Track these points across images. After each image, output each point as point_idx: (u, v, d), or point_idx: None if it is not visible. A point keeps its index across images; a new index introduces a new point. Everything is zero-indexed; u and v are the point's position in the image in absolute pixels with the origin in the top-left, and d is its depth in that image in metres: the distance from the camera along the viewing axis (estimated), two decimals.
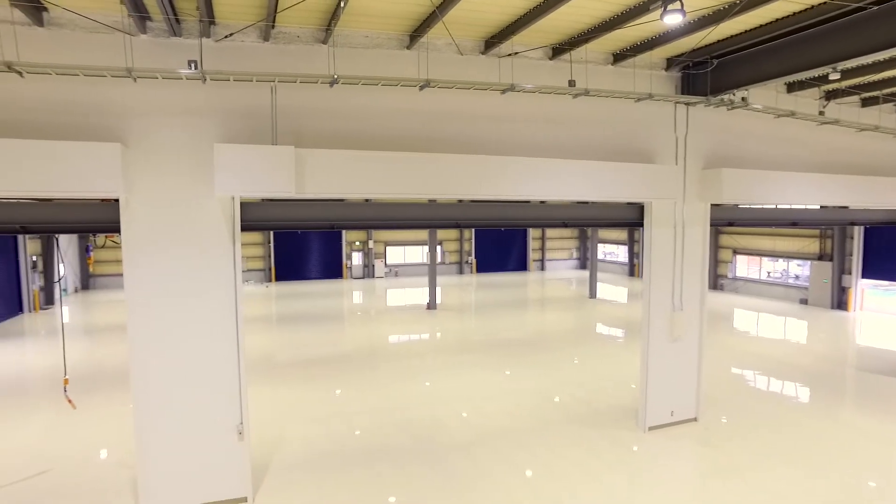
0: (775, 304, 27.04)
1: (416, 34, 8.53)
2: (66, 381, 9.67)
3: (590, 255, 30.24)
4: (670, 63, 10.33)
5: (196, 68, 7.04)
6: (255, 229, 8.75)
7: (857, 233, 25.10)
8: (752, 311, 25.30)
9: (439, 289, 32.62)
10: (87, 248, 30.49)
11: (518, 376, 14.99)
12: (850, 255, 25.39)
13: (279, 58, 8.06)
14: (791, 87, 11.86)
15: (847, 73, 10.73)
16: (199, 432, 8.01)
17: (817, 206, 14.52)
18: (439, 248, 41.49)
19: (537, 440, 10.58)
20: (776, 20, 8.45)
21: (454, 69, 8.99)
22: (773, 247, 29.21)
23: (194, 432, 7.99)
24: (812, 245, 27.15)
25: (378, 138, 8.59)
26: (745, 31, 8.99)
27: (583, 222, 11.11)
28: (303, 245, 37.53)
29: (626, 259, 41.26)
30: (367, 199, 16.14)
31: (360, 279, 38.35)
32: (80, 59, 7.16)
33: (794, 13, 8.11)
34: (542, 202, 13.63)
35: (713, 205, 11.69)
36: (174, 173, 7.62)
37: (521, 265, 43.85)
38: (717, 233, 32.03)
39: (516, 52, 9.19)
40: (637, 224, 10.96)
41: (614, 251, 43.24)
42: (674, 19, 6.97)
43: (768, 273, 29.95)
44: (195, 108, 7.62)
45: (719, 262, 32.27)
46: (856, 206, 13.77)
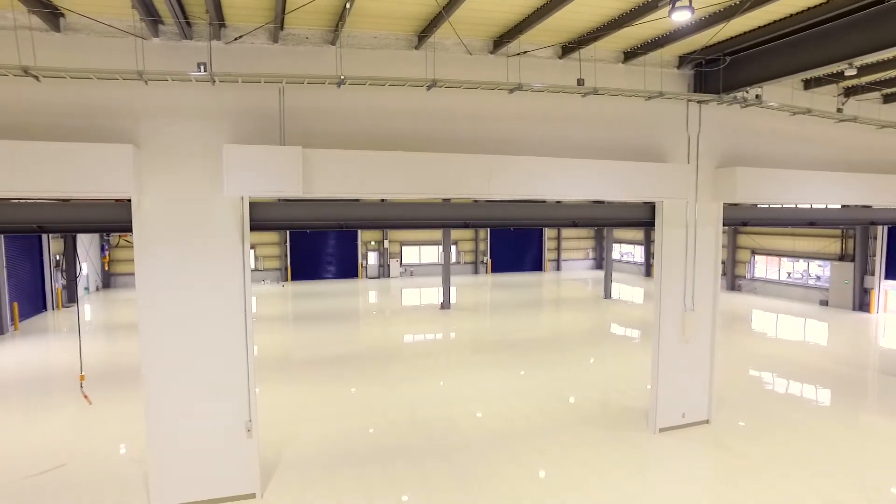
0: (794, 306, 26.55)
1: (424, 34, 8.55)
2: (82, 378, 9.90)
3: (605, 256, 30.00)
4: (682, 61, 10.20)
5: (205, 70, 7.14)
6: (264, 229, 8.85)
7: (881, 233, 24.53)
8: (770, 313, 24.87)
9: (454, 289, 32.65)
10: (102, 248, 31.08)
11: (532, 376, 14.94)
12: (873, 255, 24.83)
13: (288, 59, 8.14)
14: (808, 84, 11.64)
15: (866, 69, 10.49)
16: (208, 429, 8.13)
17: (838, 206, 14.22)
18: (454, 248, 41.52)
19: (549, 440, 10.55)
20: (790, 15, 8.30)
21: (463, 69, 8.99)
22: (793, 247, 28.67)
23: (203, 429, 8.12)
24: (833, 245, 26.60)
25: (386, 138, 8.64)
26: (759, 28, 8.85)
27: (593, 222, 11.03)
28: (318, 245, 37.82)
29: (642, 259, 40.86)
30: (382, 199, 16.26)
31: (376, 279, 38.53)
32: (95, 62, 7.32)
33: (808, 8, 7.96)
34: (556, 202, 13.59)
35: (728, 204, 11.54)
36: (184, 174, 7.75)
37: (537, 265, 43.66)
38: (735, 232, 31.55)
39: (525, 52, 9.16)
40: (648, 224, 10.85)
41: (630, 251, 42.83)
42: (682, 16, 6.89)
43: (788, 274, 29.40)
44: (205, 109, 7.74)
45: (737, 262, 31.78)
46: (878, 206, 13.46)
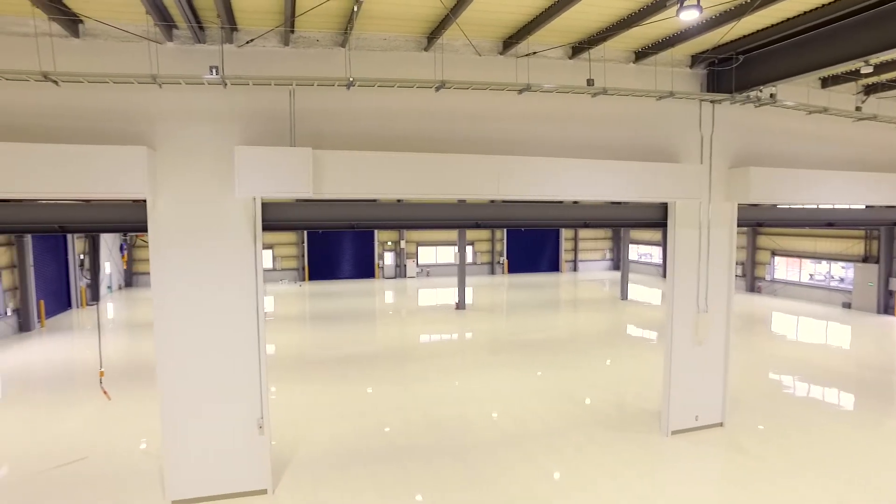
0: (816, 308, 26.02)
1: (433, 36, 8.62)
2: (101, 374, 10.14)
3: (621, 257, 29.75)
4: (695, 60, 10.11)
5: (217, 73, 7.30)
6: (276, 229, 9.00)
7: None
8: (791, 315, 24.41)
9: (470, 289, 32.66)
10: (120, 247, 31.74)
11: (547, 377, 14.91)
12: None
13: (299, 62, 8.28)
14: (825, 82, 11.45)
15: (885, 67, 10.28)
16: (220, 426, 8.30)
17: (861, 206, 13.92)
18: (471, 248, 41.54)
19: (562, 441, 10.54)
20: (803, 13, 8.19)
21: (472, 70, 9.04)
22: (815, 248, 28.10)
23: (216, 426, 8.29)
24: (857, 246, 26.02)
25: (395, 139, 8.72)
26: (772, 26, 8.74)
27: (604, 223, 10.98)
28: (335, 245, 38.15)
29: (660, 260, 40.40)
30: (399, 200, 16.37)
31: (392, 279, 38.73)
32: (113, 67, 7.54)
33: (821, 5, 7.84)
34: (570, 202, 13.53)
35: (746, 204, 11.40)
36: (198, 175, 7.93)
37: (554, 266, 43.47)
38: (755, 233, 31.05)
39: (534, 52, 9.17)
40: (661, 225, 10.77)
41: (649, 252, 42.37)
42: (690, 15, 6.85)
43: (810, 275, 28.83)
44: (217, 111, 7.91)
45: (757, 263, 31.25)
46: None
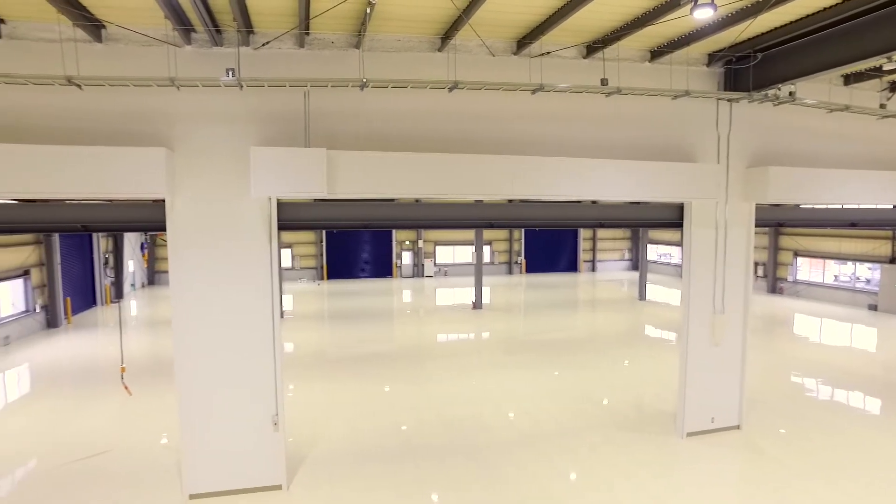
0: (840, 310, 25.44)
1: (447, 37, 8.66)
2: (123, 370, 10.39)
3: (640, 257, 29.47)
4: (712, 58, 9.99)
5: (233, 76, 7.44)
6: (291, 228, 9.13)
7: None
8: (814, 317, 23.91)
9: (487, 289, 32.66)
10: (141, 246, 32.39)
11: (563, 377, 14.87)
12: None
13: (314, 63, 8.39)
14: (848, 80, 11.21)
15: None
16: (236, 422, 8.47)
17: (888, 206, 13.58)
18: (488, 248, 41.51)
19: (577, 441, 10.53)
20: (823, 9, 8.05)
21: (486, 70, 9.06)
22: (839, 249, 27.48)
23: (232, 422, 8.45)
24: (884, 247, 25.38)
25: (409, 139, 8.78)
26: (791, 22, 8.61)
27: (619, 223, 10.92)
28: (354, 244, 38.44)
29: (680, 261, 39.89)
30: (416, 200, 16.40)
31: (410, 278, 38.88)
32: (133, 70, 7.74)
33: (841, 1, 7.70)
34: (586, 202, 13.47)
35: (765, 204, 11.22)
36: (214, 175, 8.09)
37: (572, 266, 43.21)
38: (777, 234, 30.48)
39: (548, 52, 9.16)
40: (677, 225, 10.67)
41: (668, 253, 41.87)
42: (704, 14, 6.78)
43: (835, 277, 28.20)
44: (233, 113, 8.07)
45: (778, 264, 30.68)
46: None
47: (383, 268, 39.16)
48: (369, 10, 7.09)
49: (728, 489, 8.72)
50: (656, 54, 9.67)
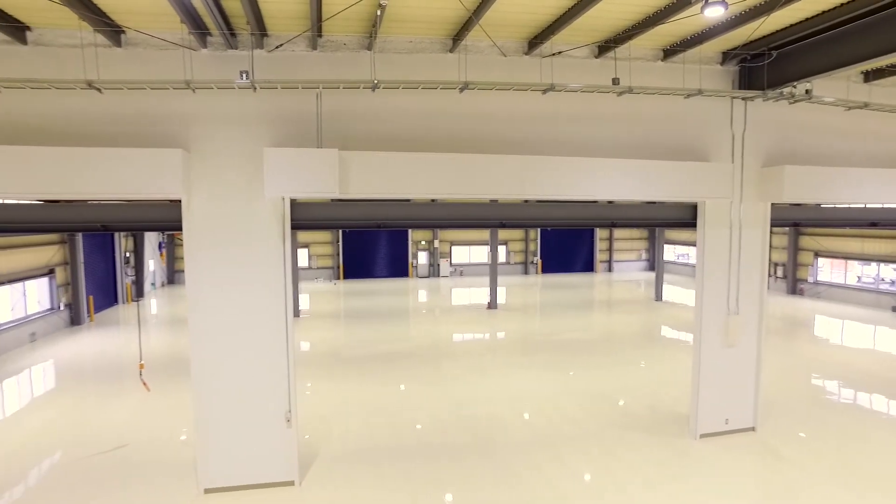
0: (863, 312, 24.91)
1: (458, 38, 8.71)
2: (141, 366, 10.64)
3: (656, 257, 29.19)
4: (726, 57, 9.89)
5: (247, 78, 7.58)
6: (305, 228, 9.27)
7: None
8: (835, 319, 23.46)
9: (503, 289, 32.63)
10: (159, 245, 32.96)
11: (578, 378, 14.83)
12: None
13: (327, 65, 8.51)
14: (868, 76, 11.01)
15: None
16: (250, 418, 8.62)
17: None
18: (504, 248, 41.46)
19: (590, 441, 10.51)
20: (840, 5, 7.93)
21: (498, 71, 9.10)
22: (862, 249, 26.89)
23: (246, 418, 8.61)
24: None
25: (420, 140, 8.85)
26: (807, 19, 8.49)
27: (632, 222, 10.86)
28: (370, 244, 38.69)
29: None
30: (433, 200, 16.47)
31: (426, 278, 39.01)
32: (151, 74, 7.94)
33: None
34: (605, 202, 13.41)
35: (784, 204, 11.06)
36: (229, 175, 8.26)
37: (588, 266, 42.95)
38: (797, 234, 29.95)
39: (560, 52, 9.17)
40: (690, 224, 10.59)
41: (686, 253, 41.37)
42: (715, 12, 6.74)
43: (858, 278, 27.61)
44: (247, 114, 8.22)
45: (799, 265, 30.14)
46: None
47: (399, 268, 39.35)
48: (380, 12, 7.17)
49: (738, 490, 8.63)
50: (669, 53, 9.61)
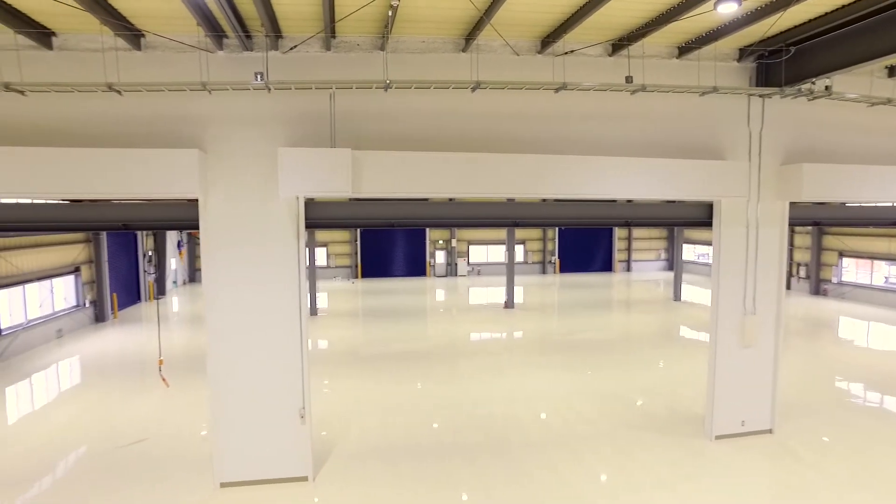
0: (890, 313, 24.29)
1: (470, 37, 8.75)
2: (160, 362, 10.89)
3: (675, 257, 28.85)
4: (742, 53, 9.76)
5: (261, 79, 7.72)
6: (319, 227, 9.39)
7: None
8: (860, 320, 22.94)
9: (520, 288, 32.55)
10: (178, 244, 33.56)
11: (594, 378, 14.77)
12: None
13: (340, 66, 8.61)
14: (892, 71, 10.76)
15: None
16: (264, 414, 8.77)
17: None
18: (522, 247, 41.34)
19: (609, 442, 10.48)
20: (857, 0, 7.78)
21: (510, 70, 9.11)
22: (889, 249, 26.21)
23: (261, 414, 8.76)
24: None
25: (433, 139, 8.90)
26: (825, 14, 8.33)
27: (647, 221, 10.78)
28: (388, 243, 38.90)
29: None
30: (451, 199, 16.57)
31: (443, 277, 39.10)
32: (168, 76, 8.12)
33: None
34: (624, 201, 13.30)
35: (804, 203, 10.87)
36: (244, 175, 8.41)
37: (607, 266, 42.60)
38: (820, 233, 29.32)
39: (573, 51, 9.14)
40: (706, 223, 10.47)
41: (706, 252, 40.77)
42: (728, 8, 6.69)
43: (885, 278, 26.92)
44: (262, 115, 8.37)
45: (822, 265, 29.51)
46: None
47: (417, 267, 39.49)
48: (392, 13, 7.24)
49: (751, 490, 8.52)
50: (684, 50, 9.51)
